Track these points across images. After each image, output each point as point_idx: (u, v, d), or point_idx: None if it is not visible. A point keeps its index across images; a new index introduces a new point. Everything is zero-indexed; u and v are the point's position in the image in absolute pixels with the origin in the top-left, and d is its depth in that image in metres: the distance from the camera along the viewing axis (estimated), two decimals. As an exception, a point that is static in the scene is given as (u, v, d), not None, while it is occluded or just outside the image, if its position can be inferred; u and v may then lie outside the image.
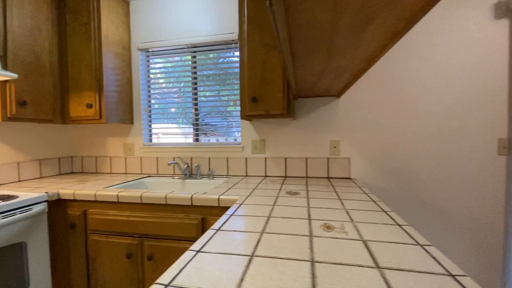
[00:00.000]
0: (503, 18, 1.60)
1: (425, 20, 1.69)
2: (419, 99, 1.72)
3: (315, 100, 1.87)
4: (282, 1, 0.49)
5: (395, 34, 0.66)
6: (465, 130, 1.67)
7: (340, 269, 0.60)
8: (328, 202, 1.20)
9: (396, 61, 1.74)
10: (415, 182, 1.74)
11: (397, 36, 0.67)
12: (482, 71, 1.64)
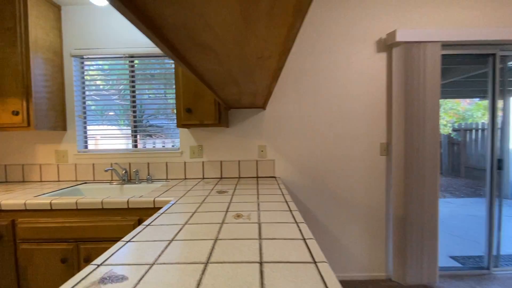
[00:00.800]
0: (382, 52, 2.12)
1: (331, 50, 2.13)
2: (325, 112, 2.15)
3: (246, 111, 2.16)
4: (181, 61, 0.72)
5: (274, 78, 0.96)
6: (357, 137, 2.15)
7: (234, 242, 0.86)
8: (248, 197, 1.48)
9: (310, 82, 2.14)
10: (324, 177, 2.17)
11: (275, 79, 0.96)
12: (369, 92, 2.14)
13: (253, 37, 0.57)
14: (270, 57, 0.72)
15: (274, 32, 0.54)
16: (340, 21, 2.11)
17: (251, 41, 0.59)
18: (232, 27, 0.52)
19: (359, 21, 2.10)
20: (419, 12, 2.09)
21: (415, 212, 2.04)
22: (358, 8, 2.10)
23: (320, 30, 2.11)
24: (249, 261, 0.73)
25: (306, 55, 2.12)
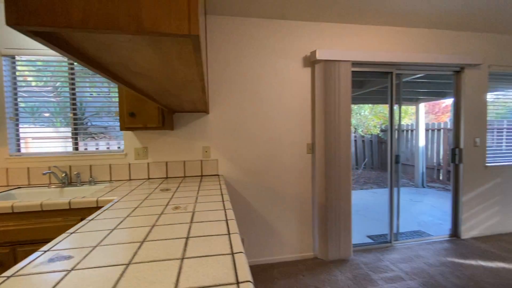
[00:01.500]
0: (308, 67, 2.52)
1: (266, 64, 2.44)
2: (262, 117, 2.46)
3: (190, 114, 2.34)
4: (120, 82, 0.90)
5: (203, 92, 1.19)
6: (288, 139, 2.52)
7: (169, 227, 1.06)
8: (189, 193, 1.68)
9: (248, 90, 2.42)
10: (261, 174, 2.48)
11: (204, 93, 1.19)
12: (298, 100, 2.52)
13: (174, 70, 0.79)
14: (193, 80, 0.94)
15: (187, 66, 0.77)
16: (272, 39, 2.44)
17: (174, 71, 0.81)
18: (155, 65, 0.73)
19: (288, 40, 2.46)
20: (335, 36, 2.54)
21: (334, 200, 2.48)
22: (286, 30, 2.45)
23: (256, 46, 2.41)
24: (178, 237, 0.94)
25: (245, 66, 2.40)
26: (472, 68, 2.87)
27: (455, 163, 2.97)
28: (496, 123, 3.27)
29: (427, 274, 2.25)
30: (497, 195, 3.05)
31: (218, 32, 2.34)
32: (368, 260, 2.50)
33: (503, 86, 3.19)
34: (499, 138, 3.25)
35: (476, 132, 2.95)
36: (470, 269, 2.31)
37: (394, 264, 2.42)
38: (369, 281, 2.16)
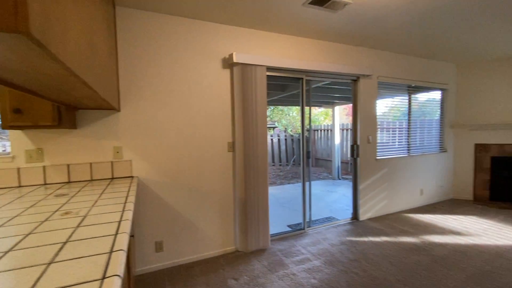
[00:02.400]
0: (227, 69, 2.62)
1: (187, 64, 2.43)
2: (183, 116, 2.44)
3: (97, 111, 2.15)
4: None
5: (89, 87, 1.13)
6: (210, 138, 2.57)
7: (48, 234, 0.98)
8: (90, 196, 1.56)
9: (167, 88, 2.37)
10: (183, 173, 2.46)
11: (92, 89, 1.13)
12: (218, 101, 2.59)
13: (32, 66, 0.74)
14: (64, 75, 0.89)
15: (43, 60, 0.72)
16: (193, 39, 2.45)
17: (35, 68, 0.76)
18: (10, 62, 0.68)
19: (208, 41, 2.51)
20: (252, 41, 2.71)
21: (252, 195, 2.65)
22: (207, 31, 2.50)
23: (176, 44, 2.38)
24: (54, 243, 0.88)
25: (164, 64, 2.34)
26: (365, 78, 3.46)
27: (354, 157, 3.53)
28: (392, 123, 4.03)
29: (330, 253, 2.62)
30: (385, 183, 3.75)
31: (134, 26, 2.22)
32: (283, 247, 2.76)
33: (389, 94, 3.94)
34: (393, 136, 4.01)
35: (369, 131, 3.57)
36: (362, 245, 2.79)
37: (305, 248, 2.73)
38: (282, 266, 2.39)
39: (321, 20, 2.57)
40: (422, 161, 4.13)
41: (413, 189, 4.05)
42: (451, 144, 4.47)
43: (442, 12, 2.44)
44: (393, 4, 2.25)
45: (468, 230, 3.12)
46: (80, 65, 0.87)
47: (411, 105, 4.08)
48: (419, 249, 2.66)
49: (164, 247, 2.42)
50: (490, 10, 2.41)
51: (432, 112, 4.40)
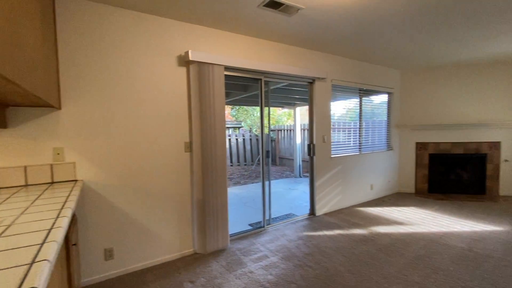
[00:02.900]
0: (183, 66, 2.55)
1: (140, 59, 2.30)
2: (136, 115, 2.32)
3: (34, 109, 1.93)
4: None
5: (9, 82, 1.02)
6: (166, 137, 2.48)
7: (-43, 247, 0.85)
8: (20, 204, 1.40)
9: (120, 85, 2.22)
10: (135, 175, 2.34)
11: (15, 84, 1.02)
12: (174, 99, 2.51)
13: None
14: None
15: None
16: (147, 34, 2.33)
17: None
18: None
19: (163, 37, 2.42)
20: (210, 40, 2.68)
21: (211, 195, 2.62)
22: (162, 26, 2.40)
23: (129, 39, 2.24)
24: (-38, 259, 0.77)
25: (116, 59, 2.19)
26: (320, 80, 3.64)
27: (310, 155, 3.70)
28: (345, 124, 4.30)
29: (287, 248, 2.71)
30: (339, 179, 3.99)
31: (78, 16, 2.03)
32: (242, 246, 2.78)
33: (343, 96, 4.20)
34: (348, 136, 4.28)
35: (324, 131, 3.77)
36: (317, 238, 2.94)
37: (263, 245, 2.79)
38: (240, 264, 2.41)
39: (278, 24, 2.64)
40: (372, 158, 4.49)
41: (364, 185, 4.38)
42: (397, 142, 4.93)
43: (382, 24, 2.68)
44: (341, 12, 2.41)
45: (409, 220, 3.48)
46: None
47: (362, 107, 4.41)
48: (367, 239, 2.89)
49: (115, 255, 2.27)
50: (421, 26, 2.71)
51: (380, 114, 4.81)
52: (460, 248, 2.64)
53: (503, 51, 3.72)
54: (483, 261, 2.38)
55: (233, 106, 11.28)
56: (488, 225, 3.23)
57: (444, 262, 2.37)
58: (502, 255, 2.47)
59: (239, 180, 7.29)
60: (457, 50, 3.63)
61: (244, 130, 12.16)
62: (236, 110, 12.77)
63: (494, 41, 3.30)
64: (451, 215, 3.63)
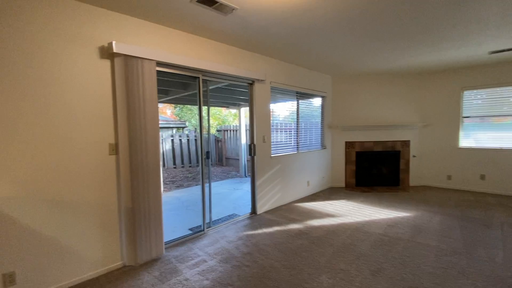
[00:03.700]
0: (107, 59, 2.28)
1: (57, 49, 1.95)
2: (44, 113, 1.96)
3: None
4: None
5: None
6: (86, 139, 2.18)
7: None
8: None
9: (30, 77, 1.85)
10: (46, 185, 1.98)
11: None
12: (95, 95, 2.23)
13: None
14: None
15: None
16: (65, 22, 2.00)
17: None
18: None
19: (84, 26, 2.11)
20: (140, 32, 2.47)
21: (142, 202, 2.42)
22: (83, 14, 2.10)
23: (43, 26, 1.88)
24: None
25: (27, 48, 1.81)
26: (260, 82, 3.73)
27: (251, 155, 3.75)
28: (284, 125, 4.47)
29: (226, 250, 2.68)
30: (279, 177, 4.16)
31: None
32: (179, 253, 2.64)
33: (282, 98, 4.39)
34: (289, 136, 4.46)
35: (264, 131, 3.87)
36: (256, 237, 2.99)
37: (202, 250, 2.70)
38: (175, 273, 2.28)
39: (214, 22, 2.59)
40: (308, 157, 4.81)
41: (301, 181, 4.66)
42: (329, 142, 5.39)
43: (313, 33, 2.87)
44: (275, 17, 2.49)
45: (339, 212, 3.83)
46: None
47: (299, 108, 4.68)
48: (302, 233, 3.07)
49: (18, 279, 1.90)
50: (345, 38, 3.01)
51: (315, 116, 5.18)
52: (378, 234, 3.01)
53: (411, 64, 4.40)
54: (395, 243, 2.76)
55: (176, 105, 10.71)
56: (400, 212, 3.78)
57: (365, 248, 2.67)
58: (409, 237, 2.91)
59: (182, 183, 6.97)
60: (376, 61, 4.15)
61: (189, 130, 11.71)
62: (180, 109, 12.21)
63: (404, 55, 3.87)
64: (373, 205, 4.13)
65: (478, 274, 2.15)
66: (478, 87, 4.78)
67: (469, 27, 2.83)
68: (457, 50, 3.70)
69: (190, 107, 11.53)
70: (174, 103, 10.39)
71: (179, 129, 12.09)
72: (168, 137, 9.55)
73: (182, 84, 4.64)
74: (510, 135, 4.58)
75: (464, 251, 2.56)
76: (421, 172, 5.44)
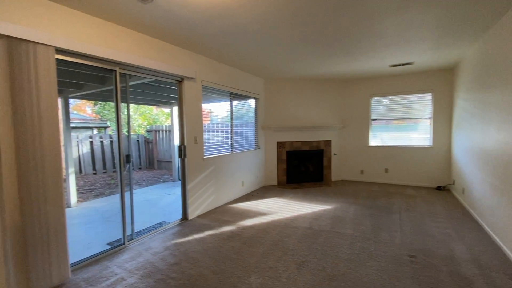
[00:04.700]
0: (-20, 40, 1.77)
1: None
2: None
3: None
4: None
5: None
6: None
7: None
8: None
9: None
10: None
11: None
12: (-41, 84, 1.70)
13: None
14: None
15: None
16: None
17: None
18: None
19: None
20: (35, 8, 2.01)
21: (37, 217, 1.97)
22: None
23: None
24: None
25: None
26: (190, 80, 3.54)
27: (181, 157, 3.53)
28: (218, 125, 4.35)
29: (150, 263, 2.43)
30: (212, 179, 4.04)
31: None
32: (91, 274, 2.26)
33: (215, 98, 4.28)
34: (223, 137, 4.36)
35: (196, 131, 3.70)
36: (186, 245, 2.81)
37: (120, 266, 2.38)
38: (83, 299, 1.93)
39: (131, 9, 2.31)
40: (243, 157, 4.84)
41: (236, 182, 4.65)
42: (263, 142, 5.56)
43: (238, 34, 2.88)
44: (199, 9, 2.38)
45: (270, 209, 3.95)
46: None
47: (233, 109, 4.66)
48: (234, 235, 3.04)
49: None
50: (270, 41, 3.13)
51: (250, 116, 5.26)
52: (304, 228, 3.22)
53: (332, 72, 4.89)
54: (318, 235, 2.99)
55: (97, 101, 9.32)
56: (323, 205, 4.14)
57: (292, 243, 2.81)
58: (330, 228, 3.20)
59: (103, 191, 6.13)
60: (302, 67, 4.46)
61: (112, 130, 10.42)
62: (102, 106, 10.75)
63: (325, 64, 4.26)
64: (301, 200, 4.42)
65: (382, 256, 2.50)
66: (382, 95, 5.67)
67: (375, 42, 3.29)
68: (367, 62, 4.28)
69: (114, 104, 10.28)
70: (90, 99, 9.06)
71: (101, 129, 10.65)
72: (86, 138, 8.29)
73: (99, 77, 4.06)
74: (406, 135, 5.57)
75: (372, 236, 2.95)
76: (340, 168, 6.13)
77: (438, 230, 3.06)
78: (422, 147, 5.33)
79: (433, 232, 3.01)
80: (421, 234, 2.96)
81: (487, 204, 3.02)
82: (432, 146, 5.21)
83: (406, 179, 5.50)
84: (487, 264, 2.30)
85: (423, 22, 2.70)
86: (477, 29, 2.91)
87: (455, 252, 2.53)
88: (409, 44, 3.40)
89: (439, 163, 5.15)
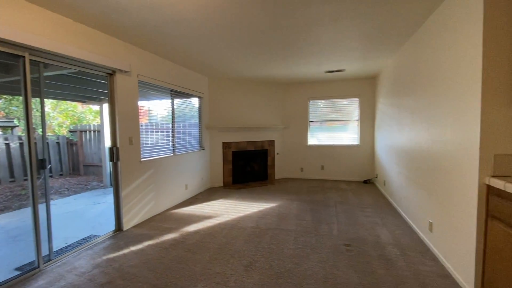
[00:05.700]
0: None
1: None
2: None
3: None
4: None
5: None
6: None
7: None
8: None
9: None
10: None
11: None
12: None
13: None
14: None
15: None
16: None
17: None
18: None
19: None
20: None
21: None
22: None
23: None
24: None
25: None
26: (123, 73, 3.16)
27: (113, 161, 3.13)
28: (158, 125, 3.99)
29: (75, 287, 2.06)
30: (151, 184, 3.70)
31: None
32: (-12, 312, 1.79)
33: (154, 96, 3.93)
34: (165, 137, 4.00)
35: (131, 132, 3.33)
36: (120, 259, 2.49)
37: (33, 296, 1.95)
38: None
39: (45, -16, 1.92)
40: (186, 158, 4.59)
41: (179, 186, 4.38)
42: (208, 142, 5.39)
43: (179, 25, 2.71)
44: (137, -2, 2.14)
45: (216, 212, 3.85)
46: None
47: (174, 108, 4.37)
48: (177, 243, 2.83)
49: None
50: (211, 40, 3.04)
51: (193, 116, 5.03)
52: (250, 227, 3.23)
53: (274, 75, 5.05)
54: (265, 234, 3.03)
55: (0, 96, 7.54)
56: (268, 203, 4.24)
57: (239, 244, 2.77)
58: (276, 225, 3.28)
59: (10, 204, 5.02)
60: (245, 68, 4.48)
61: (22, 130, 8.64)
62: (8, 101, 8.80)
63: (267, 66, 4.37)
64: (247, 200, 4.43)
65: (323, 247, 2.67)
66: (318, 98, 6.15)
67: (313, 49, 3.52)
68: (306, 67, 4.57)
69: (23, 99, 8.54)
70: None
71: (6, 129, 8.72)
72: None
73: (1, 65, 3.29)
74: (338, 135, 6.17)
75: (313, 229, 3.14)
76: (283, 167, 6.41)
77: (367, 219, 3.46)
78: (352, 146, 5.98)
79: (363, 221, 3.38)
80: (354, 224, 3.29)
81: (402, 193, 3.55)
82: (359, 144, 5.89)
83: (339, 174, 6.08)
84: (405, 245, 2.70)
85: (352, 34, 3.00)
86: (394, 44, 3.39)
87: (381, 238, 2.88)
88: (342, 53, 3.75)
89: (365, 159, 5.86)
